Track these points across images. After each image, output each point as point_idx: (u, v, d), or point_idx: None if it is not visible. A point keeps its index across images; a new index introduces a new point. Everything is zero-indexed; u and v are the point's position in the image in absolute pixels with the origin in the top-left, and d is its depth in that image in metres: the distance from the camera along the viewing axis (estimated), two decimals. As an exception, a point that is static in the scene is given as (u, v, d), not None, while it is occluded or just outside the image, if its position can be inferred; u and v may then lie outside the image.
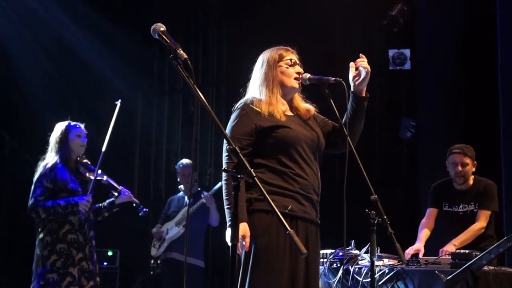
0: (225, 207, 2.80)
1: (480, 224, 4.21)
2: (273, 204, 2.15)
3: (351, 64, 3.00)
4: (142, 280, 6.26)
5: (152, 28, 2.38)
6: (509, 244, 3.00)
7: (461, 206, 4.35)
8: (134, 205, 4.65)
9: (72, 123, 4.45)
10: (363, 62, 3.00)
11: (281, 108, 2.93)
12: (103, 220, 4.57)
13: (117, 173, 6.73)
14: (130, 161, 7.61)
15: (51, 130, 4.45)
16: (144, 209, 4.66)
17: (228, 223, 2.76)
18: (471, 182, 4.36)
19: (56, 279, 4.07)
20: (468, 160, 4.31)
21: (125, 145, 7.36)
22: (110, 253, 6.20)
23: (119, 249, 6.35)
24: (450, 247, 4.02)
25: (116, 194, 4.48)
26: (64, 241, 4.15)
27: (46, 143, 4.42)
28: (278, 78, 2.97)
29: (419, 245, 4.26)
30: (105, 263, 6.15)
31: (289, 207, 2.78)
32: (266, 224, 2.75)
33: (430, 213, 4.50)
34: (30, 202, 4.22)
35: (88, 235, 4.28)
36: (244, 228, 2.71)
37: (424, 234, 4.39)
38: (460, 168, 4.31)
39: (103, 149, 4.49)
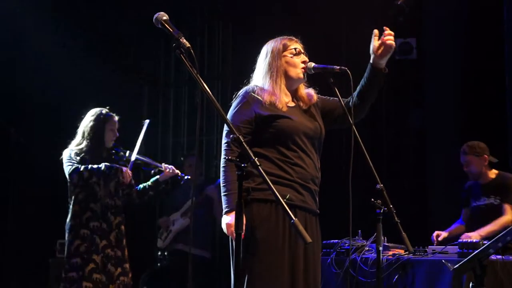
0: (223, 193, 2.77)
1: (507, 217, 4.26)
2: (277, 193, 2.13)
3: (375, 31, 2.90)
4: (149, 272, 6.25)
5: (155, 17, 2.37)
6: (517, 232, 2.96)
7: (482, 199, 4.41)
8: (178, 177, 4.57)
9: (110, 113, 4.33)
10: (390, 38, 2.87)
11: (284, 99, 2.90)
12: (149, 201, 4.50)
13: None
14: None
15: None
16: (186, 177, 4.59)
17: (225, 210, 2.76)
18: (492, 176, 4.43)
19: (79, 263, 4.03)
20: (469, 158, 4.39)
21: (132, 138, 7.35)
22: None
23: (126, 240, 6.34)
24: (475, 235, 4.02)
25: (158, 171, 4.44)
26: (87, 227, 4.09)
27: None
28: (282, 68, 2.94)
29: (444, 232, 4.37)
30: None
31: (287, 196, 2.75)
32: (265, 214, 2.73)
33: (463, 214, 4.64)
34: (69, 168, 4.11)
35: (114, 221, 4.20)
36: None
37: (454, 227, 4.53)
38: (466, 168, 4.41)
39: (132, 158, 4.38)
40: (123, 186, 4.29)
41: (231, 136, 2.21)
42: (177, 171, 4.52)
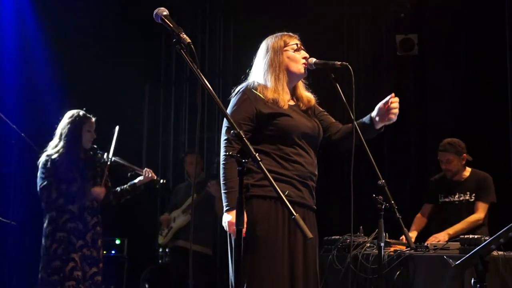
0: (224, 191, 2.76)
1: (478, 215, 4.28)
2: (278, 189, 2.12)
3: (392, 94, 2.90)
4: (150, 269, 6.25)
5: (155, 12, 2.35)
6: (519, 229, 2.95)
7: (457, 196, 4.40)
8: (156, 184, 4.66)
9: (87, 115, 4.37)
10: (395, 105, 2.90)
11: (285, 97, 2.90)
12: (125, 203, 4.59)
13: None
14: (138, 151, 7.60)
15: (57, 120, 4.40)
16: (161, 181, 4.70)
17: (226, 208, 2.75)
18: (467, 174, 4.43)
19: (59, 265, 4.09)
20: (451, 157, 4.39)
21: (133, 135, 7.36)
22: (118, 242, 6.20)
23: (127, 237, 6.36)
24: (443, 235, 4.04)
25: (135, 174, 4.54)
26: (64, 230, 4.16)
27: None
28: (284, 64, 2.94)
29: (413, 232, 4.40)
30: (113, 252, 6.16)
31: (286, 192, 2.75)
32: (264, 210, 2.73)
33: (424, 209, 4.58)
34: (41, 182, 4.19)
35: (89, 222, 4.26)
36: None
37: (414, 226, 4.52)
38: (444, 165, 4.39)
39: (108, 162, 4.46)
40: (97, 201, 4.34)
41: (231, 132, 2.20)
42: (152, 176, 4.60)
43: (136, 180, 4.55)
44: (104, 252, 6.05)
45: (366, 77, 6.43)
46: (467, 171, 4.44)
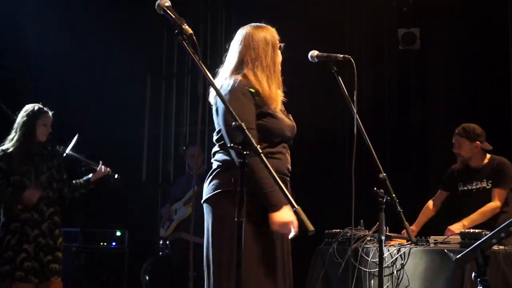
0: (266, 190, 2.56)
1: (495, 203, 4.14)
2: (279, 182, 2.11)
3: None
4: (151, 261, 6.26)
5: (157, 4, 2.33)
6: (520, 222, 2.95)
7: (474, 184, 4.33)
8: (110, 179, 4.74)
9: (44, 109, 4.44)
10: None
11: (278, 98, 2.77)
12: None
13: (125, 155, 6.78)
14: (139, 144, 7.60)
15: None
16: (116, 176, 4.76)
17: (277, 207, 2.56)
18: (486, 160, 4.34)
19: (11, 256, 4.20)
20: (462, 141, 4.31)
21: (134, 128, 7.36)
22: (118, 234, 6.21)
23: (128, 229, 6.37)
24: (457, 226, 3.97)
25: (90, 169, 4.66)
26: (18, 220, 4.26)
27: None
28: (278, 62, 2.82)
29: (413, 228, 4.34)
30: (113, 243, 6.16)
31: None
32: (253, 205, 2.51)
33: (438, 196, 4.52)
34: None
35: (46, 212, 4.35)
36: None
37: (422, 216, 4.47)
38: (456, 149, 4.33)
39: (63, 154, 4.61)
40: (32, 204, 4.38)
41: (233, 123, 2.17)
42: (108, 170, 4.68)
43: (90, 175, 4.64)
44: (105, 244, 6.11)
45: (367, 70, 6.41)
46: (486, 158, 4.36)
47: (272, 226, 2.57)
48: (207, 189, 2.80)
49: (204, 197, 2.82)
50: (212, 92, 2.86)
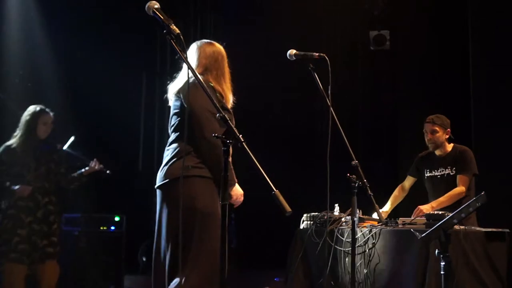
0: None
1: (460, 188, 4.15)
2: (260, 168, 2.10)
3: None
4: (147, 244, 6.23)
5: (147, 6, 2.32)
6: (478, 204, 2.97)
7: (439, 170, 4.34)
8: (102, 175, 4.89)
9: (45, 109, 4.59)
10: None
11: (228, 104, 2.97)
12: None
13: (123, 148, 6.73)
14: (136, 137, 7.55)
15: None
16: (107, 172, 4.90)
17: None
18: (449, 149, 4.34)
19: (7, 237, 4.35)
20: (437, 128, 4.30)
21: (130, 122, 7.30)
22: (117, 218, 6.16)
23: (126, 214, 6.32)
24: (427, 207, 3.97)
25: (83, 164, 4.78)
26: (14, 207, 4.40)
27: None
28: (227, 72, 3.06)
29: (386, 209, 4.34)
30: (112, 228, 6.12)
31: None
32: (202, 188, 2.83)
33: (406, 180, 4.54)
34: None
35: (41, 201, 4.46)
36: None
37: (392, 200, 4.45)
38: (429, 135, 4.31)
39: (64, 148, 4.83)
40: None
41: (217, 115, 2.17)
42: (101, 166, 4.80)
43: (83, 170, 4.73)
44: (104, 228, 6.06)
45: (341, 68, 6.43)
46: (450, 147, 4.37)
47: (233, 197, 2.90)
48: (162, 176, 3.01)
49: (158, 183, 3.07)
50: (170, 91, 3.18)
